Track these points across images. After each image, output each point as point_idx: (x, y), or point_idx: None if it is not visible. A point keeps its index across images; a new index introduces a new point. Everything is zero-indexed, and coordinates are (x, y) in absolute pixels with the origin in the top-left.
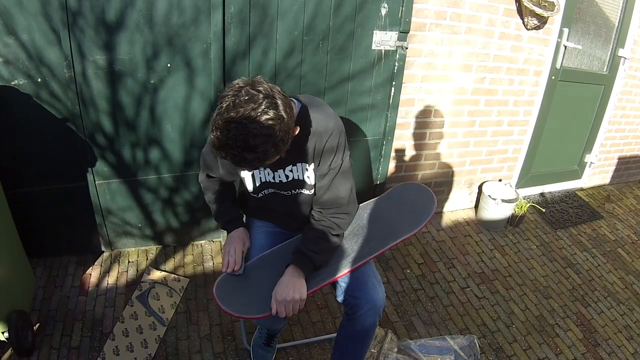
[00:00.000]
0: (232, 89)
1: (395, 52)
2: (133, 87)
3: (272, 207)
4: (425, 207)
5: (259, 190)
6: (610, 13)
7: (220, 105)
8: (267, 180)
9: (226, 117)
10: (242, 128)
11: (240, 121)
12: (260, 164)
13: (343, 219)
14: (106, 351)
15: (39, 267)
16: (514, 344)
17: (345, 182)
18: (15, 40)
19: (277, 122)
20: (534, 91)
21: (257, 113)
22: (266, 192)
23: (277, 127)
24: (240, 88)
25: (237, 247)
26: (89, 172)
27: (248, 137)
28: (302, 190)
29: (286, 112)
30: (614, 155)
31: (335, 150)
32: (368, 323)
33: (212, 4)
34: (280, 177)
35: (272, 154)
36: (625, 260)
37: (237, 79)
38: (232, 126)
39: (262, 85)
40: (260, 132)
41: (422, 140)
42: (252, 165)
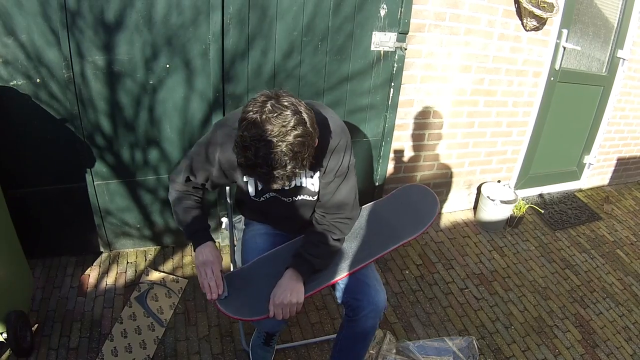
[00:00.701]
0: (255, 104)
1: (394, 53)
2: (132, 87)
3: (273, 212)
4: (427, 210)
5: (260, 195)
6: (610, 14)
7: (244, 122)
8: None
9: (253, 134)
10: (272, 147)
11: (270, 140)
12: (289, 181)
13: (346, 223)
14: (105, 352)
15: (38, 267)
16: (512, 345)
17: (350, 188)
18: (14, 41)
19: (306, 139)
20: (533, 92)
21: (287, 130)
22: (267, 197)
23: (306, 143)
24: (265, 103)
25: (215, 268)
26: (88, 172)
27: (278, 155)
28: (304, 197)
29: (313, 127)
30: (613, 157)
31: (342, 158)
32: (369, 325)
33: (211, 5)
34: None
35: (300, 170)
36: (624, 262)
37: (258, 94)
38: (261, 145)
39: (287, 99)
40: (291, 149)
41: (421, 141)
42: (280, 182)
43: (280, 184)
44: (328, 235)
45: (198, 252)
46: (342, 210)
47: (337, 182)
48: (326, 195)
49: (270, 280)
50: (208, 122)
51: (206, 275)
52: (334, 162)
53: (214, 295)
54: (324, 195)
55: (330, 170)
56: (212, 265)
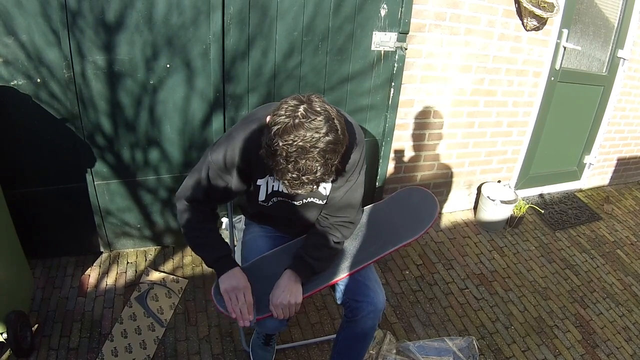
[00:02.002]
0: (285, 109)
1: (395, 53)
2: (132, 87)
3: (279, 215)
4: (427, 212)
5: (269, 199)
6: (610, 14)
7: (275, 127)
8: (279, 189)
9: (286, 140)
10: (304, 153)
11: (303, 146)
12: (317, 186)
13: (348, 227)
14: (105, 352)
15: (38, 267)
16: (512, 345)
17: (358, 194)
18: (15, 41)
19: (338, 145)
20: (533, 92)
21: (320, 137)
22: (275, 200)
23: (337, 150)
24: (297, 106)
25: (247, 294)
26: (88, 172)
27: (310, 162)
28: (313, 200)
29: (344, 134)
30: (613, 157)
31: (356, 165)
32: (368, 326)
33: (211, 5)
34: None
35: (329, 177)
36: (624, 262)
37: (288, 98)
38: (292, 151)
39: (319, 104)
40: (323, 156)
41: (421, 141)
42: (308, 187)
43: (307, 189)
44: (329, 237)
45: (226, 277)
46: (347, 213)
47: (347, 187)
48: (334, 198)
49: (270, 280)
50: (208, 122)
51: (237, 301)
52: (348, 170)
53: (246, 322)
54: (332, 198)
55: (343, 177)
56: (244, 290)
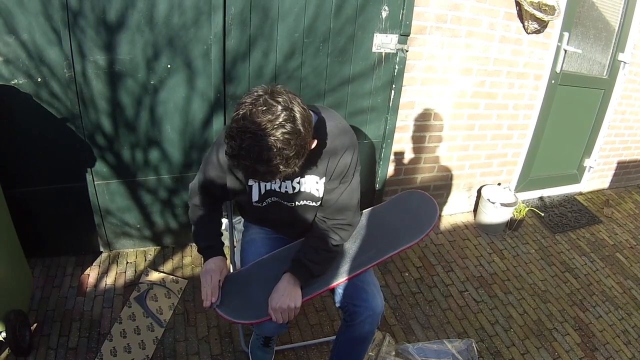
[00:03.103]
0: (250, 97)
1: (396, 55)
2: (133, 87)
3: (274, 217)
4: (427, 216)
5: (263, 199)
6: (611, 17)
7: (236, 113)
8: (272, 189)
9: (241, 126)
10: (257, 140)
11: (256, 132)
12: (272, 177)
13: (346, 230)
14: (104, 352)
15: (37, 267)
16: (512, 348)
17: (354, 195)
18: (16, 40)
19: (294, 137)
20: (533, 95)
21: (274, 125)
22: (269, 201)
23: (293, 142)
24: (259, 97)
25: (214, 276)
26: (88, 172)
27: (262, 149)
28: (307, 202)
29: (304, 127)
30: (613, 160)
31: (349, 166)
32: (366, 330)
33: (212, 5)
34: (286, 188)
35: (285, 169)
36: (623, 265)
37: (257, 87)
38: (246, 136)
39: (281, 95)
40: (274, 145)
41: (422, 144)
42: (264, 177)
43: (264, 179)
44: (328, 240)
45: (206, 263)
46: (344, 215)
47: (341, 189)
48: (329, 200)
49: (269, 283)
50: (209, 123)
51: (206, 283)
52: (340, 170)
53: (207, 302)
54: (327, 200)
55: (335, 178)
56: (212, 273)
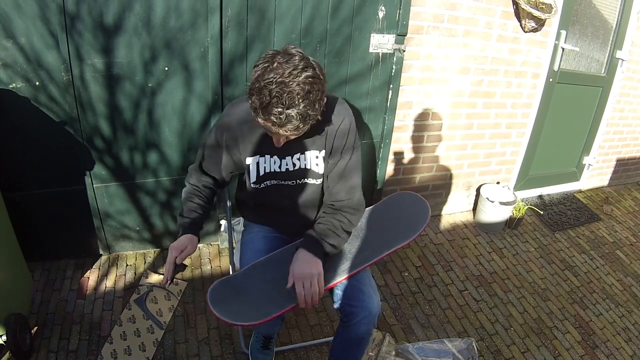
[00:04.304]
0: (265, 57)
1: (393, 55)
2: (131, 90)
3: (273, 201)
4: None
5: (261, 181)
6: (608, 15)
7: (255, 72)
8: (272, 171)
9: (266, 79)
10: (285, 86)
11: (282, 80)
12: (303, 123)
13: (353, 214)
14: (104, 354)
15: (37, 270)
16: (512, 346)
17: (357, 174)
18: (14, 44)
19: (316, 81)
20: (531, 93)
21: (297, 72)
22: (268, 184)
23: (316, 86)
24: (275, 54)
25: (174, 253)
26: (87, 175)
27: (292, 93)
28: (307, 180)
29: (321, 73)
30: (612, 157)
31: (348, 135)
32: (362, 331)
33: (209, 8)
34: (287, 165)
35: (312, 114)
36: (623, 262)
37: (268, 50)
38: (273, 86)
39: (294, 49)
40: (303, 88)
41: (420, 143)
42: (295, 123)
43: (294, 126)
44: (338, 225)
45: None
46: (349, 195)
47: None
48: (334, 177)
49: (266, 285)
50: (207, 125)
51: (167, 261)
52: (340, 139)
53: (163, 280)
54: (332, 178)
55: (337, 148)
56: (173, 250)
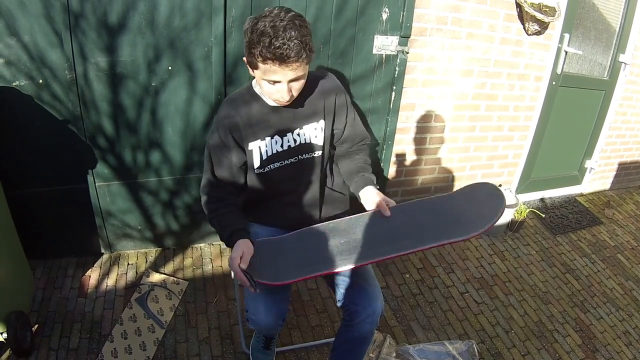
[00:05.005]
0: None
1: (396, 56)
2: (134, 89)
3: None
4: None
5: (264, 165)
6: (611, 19)
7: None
8: (274, 152)
9: (260, 27)
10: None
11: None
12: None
13: (366, 150)
14: (105, 353)
15: (39, 268)
16: (512, 349)
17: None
18: (17, 42)
19: (302, 19)
20: (534, 96)
21: (283, 14)
22: (272, 167)
23: (304, 24)
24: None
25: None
26: (90, 174)
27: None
28: (308, 155)
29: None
30: (614, 161)
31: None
32: (365, 330)
33: (213, 8)
34: (289, 142)
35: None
36: (624, 266)
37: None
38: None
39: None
40: (294, 22)
41: (423, 145)
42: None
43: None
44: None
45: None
46: (363, 138)
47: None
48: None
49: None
50: (210, 125)
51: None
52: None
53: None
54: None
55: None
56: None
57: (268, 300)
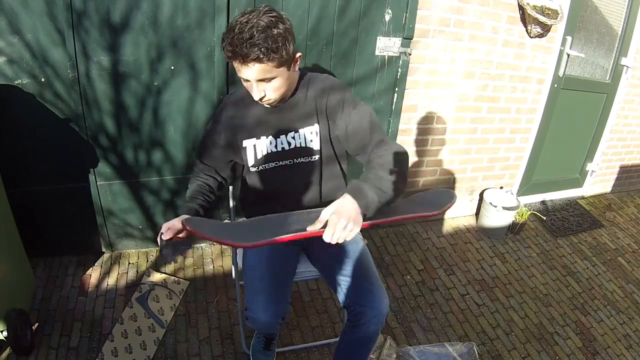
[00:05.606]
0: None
1: (399, 58)
2: (137, 88)
3: (273, 189)
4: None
5: (259, 164)
6: (614, 22)
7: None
8: (269, 152)
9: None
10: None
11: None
12: (265, 57)
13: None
14: (105, 352)
15: (39, 266)
16: (513, 351)
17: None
18: (20, 40)
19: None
20: (536, 99)
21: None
22: (267, 167)
23: (281, 25)
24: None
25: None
26: (91, 172)
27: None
28: (303, 158)
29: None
30: (616, 164)
31: (342, 100)
32: (371, 330)
33: (216, 7)
34: (282, 144)
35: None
36: (625, 269)
37: None
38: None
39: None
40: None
41: (424, 147)
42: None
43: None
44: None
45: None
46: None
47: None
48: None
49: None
50: None
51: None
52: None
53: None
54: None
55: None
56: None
57: (266, 299)
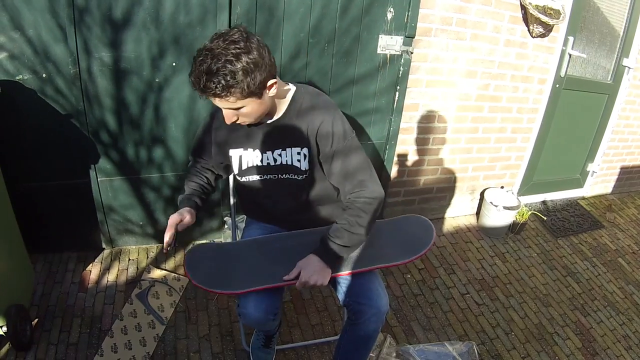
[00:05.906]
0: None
1: (401, 56)
2: (138, 85)
3: (259, 198)
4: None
5: (243, 175)
6: (616, 22)
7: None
8: (254, 165)
9: (199, 51)
10: (209, 52)
11: (210, 48)
12: (223, 91)
13: (370, 203)
14: (104, 348)
15: (39, 262)
16: (512, 351)
17: (362, 171)
18: (22, 36)
19: (243, 52)
20: (537, 99)
21: (227, 43)
22: (250, 179)
23: (244, 57)
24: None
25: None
26: (92, 168)
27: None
28: (288, 175)
29: (258, 50)
30: (617, 165)
31: (332, 132)
32: (371, 329)
33: (218, 4)
34: (268, 160)
35: (236, 79)
36: (625, 270)
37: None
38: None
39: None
40: (226, 54)
41: (425, 146)
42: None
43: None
44: (353, 219)
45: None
46: (361, 185)
47: (339, 156)
48: (334, 174)
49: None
50: None
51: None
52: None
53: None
54: (332, 174)
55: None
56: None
57: (258, 295)
